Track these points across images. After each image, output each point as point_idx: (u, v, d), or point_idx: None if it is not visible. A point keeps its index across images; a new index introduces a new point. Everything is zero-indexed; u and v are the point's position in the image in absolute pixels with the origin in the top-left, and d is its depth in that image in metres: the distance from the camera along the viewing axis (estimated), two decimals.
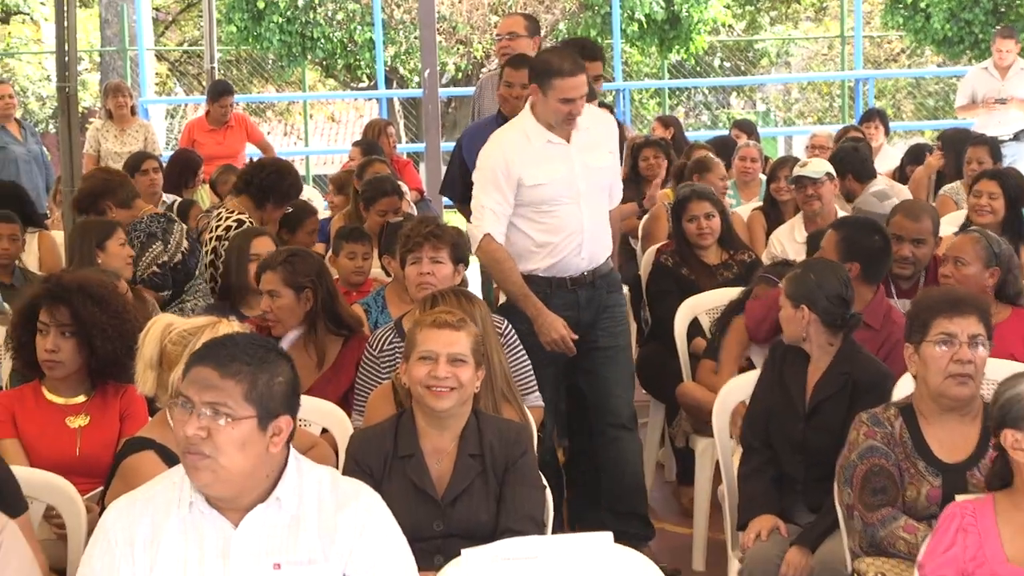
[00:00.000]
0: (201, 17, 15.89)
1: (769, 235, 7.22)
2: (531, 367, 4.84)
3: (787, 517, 4.38)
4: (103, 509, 3.15)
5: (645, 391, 6.28)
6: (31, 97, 22.39)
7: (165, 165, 8.95)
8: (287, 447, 2.94)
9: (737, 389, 4.85)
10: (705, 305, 6.00)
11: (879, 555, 3.79)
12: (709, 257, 6.38)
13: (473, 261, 5.37)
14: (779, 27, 25.27)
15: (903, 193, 7.68)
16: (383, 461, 3.76)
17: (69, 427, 4.24)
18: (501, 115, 6.42)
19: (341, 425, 4.46)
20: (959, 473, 3.81)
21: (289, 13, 17.10)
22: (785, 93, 25.83)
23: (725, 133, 11.54)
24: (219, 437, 2.80)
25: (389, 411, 4.08)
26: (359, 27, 17.58)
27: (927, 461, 3.83)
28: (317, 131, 24.52)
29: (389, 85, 18.27)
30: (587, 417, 5.48)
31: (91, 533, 2.98)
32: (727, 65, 22.36)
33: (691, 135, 12.65)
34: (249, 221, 6.31)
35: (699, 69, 20.09)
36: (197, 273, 6.81)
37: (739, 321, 5.48)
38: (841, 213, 6.80)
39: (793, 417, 4.46)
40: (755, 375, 4.78)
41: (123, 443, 3.78)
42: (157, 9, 22.57)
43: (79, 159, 7.88)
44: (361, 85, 20.26)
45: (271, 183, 6.47)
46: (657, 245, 6.87)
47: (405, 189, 7.74)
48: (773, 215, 7.60)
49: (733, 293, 5.86)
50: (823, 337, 4.51)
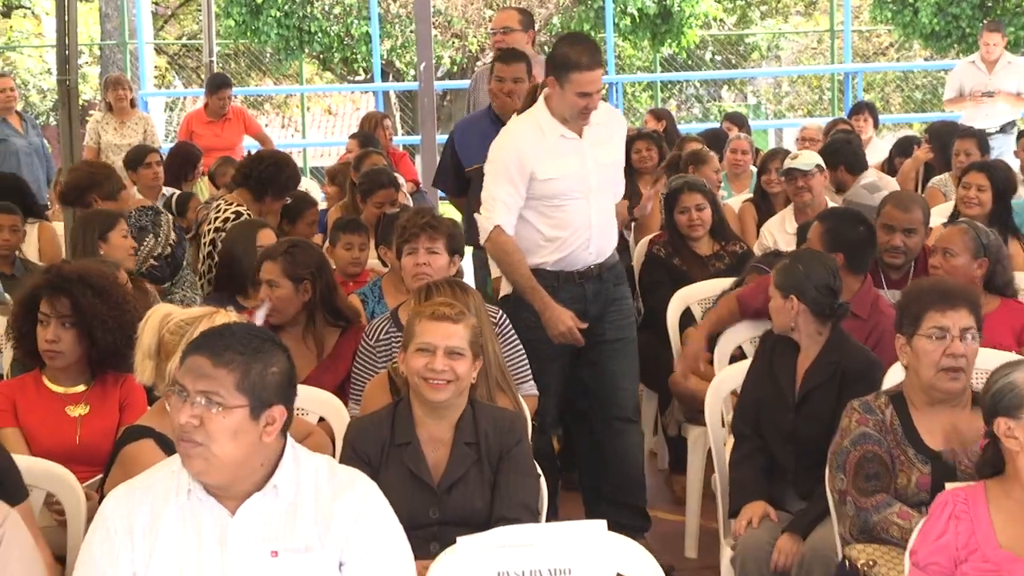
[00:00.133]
0: (200, 11, 15.88)
1: (760, 226, 7.21)
2: (525, 357, 4.82)
3: (778, 504, 4.39)
4: (102, 496, 3.17)
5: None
6: (32, 90, 22.34)
7: (165, 158, 8.97)
8: (283, 436, 2.94)
9: (729, 378, 4.88)
10: (697, 295, 6.01)
11: (870, 541, 3.79)
12: (701, 248, 6.40)
13: (467, 252, 5.37)
14: (769, 21, 25.27)
15: (892, 185, 7.70)
16: (380, 449, 3.77)
17: (69, 416, 4.25)
18: (492, 110, 6.43)
19: (338, 414, 4.46)
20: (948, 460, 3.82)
21: (287, 7, 17.17)
22: (775, 86, 25.84)
23: (716, 126, 11.53)
24: (211, 425, 2.81)
25: (385, 400, 4.08)
26: (356, 21, 17.64)
27: (917, 448, 3.84)
28: (314, 124, 24.44)
29: (385, 78, 18.29)
30: (585, 409, 5.44)
31: (91, 520, 2.99)
32: (718, 59, 22.39)
33: (683, 128, 12.67)
34: (247, 213, 6.29)
35: (691, 63, 20.16)
36: (185, 264, 6.81)
37: (730, 297, 5.51)
38: (831, 204, 6.81)
39: (783, 407, 4.47)
40: (747, 364, 4.79)
41: (122, 431, 3.79)
42: (156, 3, 22.53)
43: (79, 151, 7.92)
44: (358, 78, 20.24)
45: (269, 176, 6.44)
46: (650, 236, 6.87)
47: (401, 181, 7.71)
48: (764, 206, 7.60)
49: (725, 284, 5.90)
50: (812, 327, 4.52)
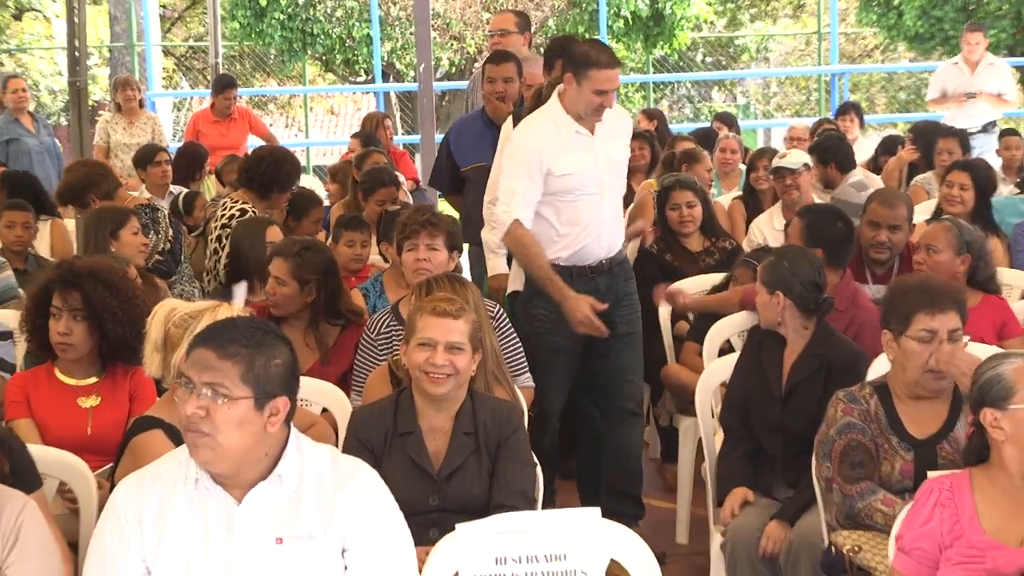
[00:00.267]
0: (206, 14, 15.85)
1: (749, 223, 7.29)
2: (522, 350, 4.89)
3: (766, 492, 4.46)
4: (113, 485, 3.21)
5: None
6: (43, 91, 22.27)
7: (173, 157, 9.01)
8: (287, 426, 2.97)
9: (719, 371, 4.93)
10: (688, 290, 6.03)
11: (855, 528, 3.85)
12: (692, 244, 6.47)
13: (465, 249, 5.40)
14: (759, 24, 25.36)
15: (877, 183, 7.73)
16: (383, 437, 3.82)
17: (81, 407, 4.29)
18: (486, 111, 6.48)
19: (340, 405, 4.51)
20: (930, 448, 3.90)
21: (290, 10, 17.21)
22: (764, 87, 25.88)
23: (707, 125, 11.59)
24: (217, 416, 2.84)
25: (386, 391, 4.13)
26: (357, 23, 17.70)
27: (900, 437, 3.91)
28: (317, 123, 24.45)
29: (386, 79, 18.32)
30: (588, 402, 5.49)
31: (102, 508, 3.02)
32: (709, 60, 22.53)
33: (674, 127, 12.72)
34: (252, 210, 6.30)
35: (682, 64, 20.28)
36: (183, 258, 6.85)
37: (736, 291, 5.58)
38: (818, 200, 6.88)
39: (770, 400, 4.54)
40: (735, 358, 4.85)
41: (132, 422, 3.82)
42: (164, 6, 22.52)
43: (89, 150, 7.98)
44: (359, 79, 20.23)
45: (271, 173, 6.43)
46: (639, 234, 6.94)
47: (402, 179, 7.77)
48: (752, 204, 7.67)
49: (715, 279, 5.99)
50: (798, 321, 4.59)
